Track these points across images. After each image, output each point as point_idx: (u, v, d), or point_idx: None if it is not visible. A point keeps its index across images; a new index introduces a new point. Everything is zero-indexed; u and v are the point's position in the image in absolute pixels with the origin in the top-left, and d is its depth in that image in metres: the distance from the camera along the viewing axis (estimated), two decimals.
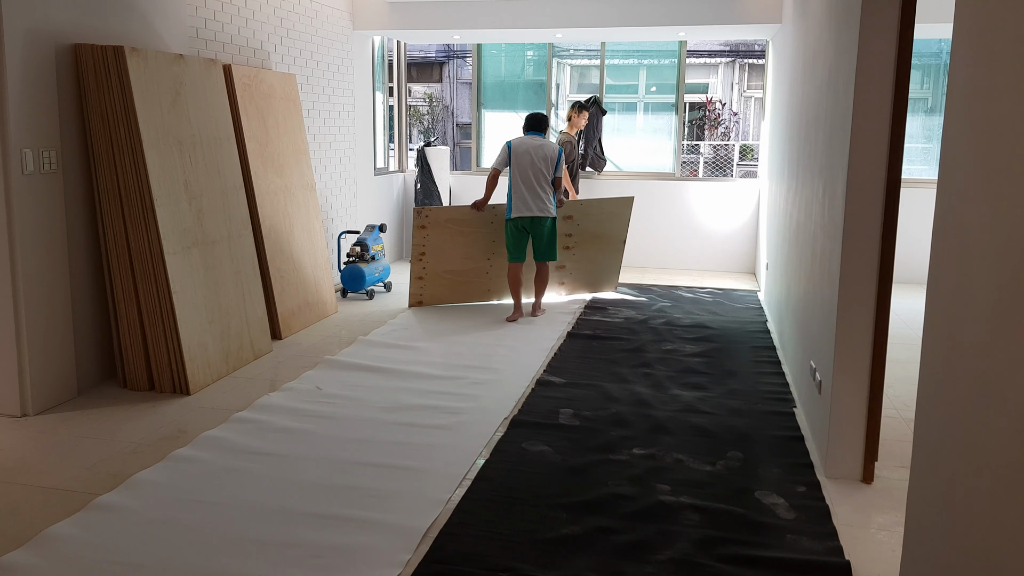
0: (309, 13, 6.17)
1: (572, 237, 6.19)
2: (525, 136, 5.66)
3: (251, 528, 2.68)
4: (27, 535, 2.62)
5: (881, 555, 2.57)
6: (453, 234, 5.89)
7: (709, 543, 2.59)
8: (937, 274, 1.77)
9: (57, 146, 3.77)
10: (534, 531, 2.67)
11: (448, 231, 5.87)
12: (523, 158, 5.48)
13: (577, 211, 6.13)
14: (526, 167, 5.47)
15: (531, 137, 5.62)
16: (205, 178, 4.37)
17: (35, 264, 3.68)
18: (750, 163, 14.59)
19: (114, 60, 3.86)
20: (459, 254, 5.96)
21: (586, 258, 6.30)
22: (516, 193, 5.50)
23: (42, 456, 3.26)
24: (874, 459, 3.09)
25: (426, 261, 5.91)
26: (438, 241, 5.86)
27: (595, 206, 6.19)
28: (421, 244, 5.84)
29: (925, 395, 1.83)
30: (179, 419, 3.69)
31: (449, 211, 5.94)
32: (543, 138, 5.66)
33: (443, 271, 5.98)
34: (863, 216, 2.94)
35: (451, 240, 5.89)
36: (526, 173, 5.47)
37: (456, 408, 3.82)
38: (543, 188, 5.50)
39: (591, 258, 6.31)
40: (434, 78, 17.86)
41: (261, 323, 4.72)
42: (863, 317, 3.00)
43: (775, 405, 3.92)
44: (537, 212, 5.49)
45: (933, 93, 8.76)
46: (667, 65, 8.41)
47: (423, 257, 5.89)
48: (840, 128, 3.15)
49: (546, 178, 5.50)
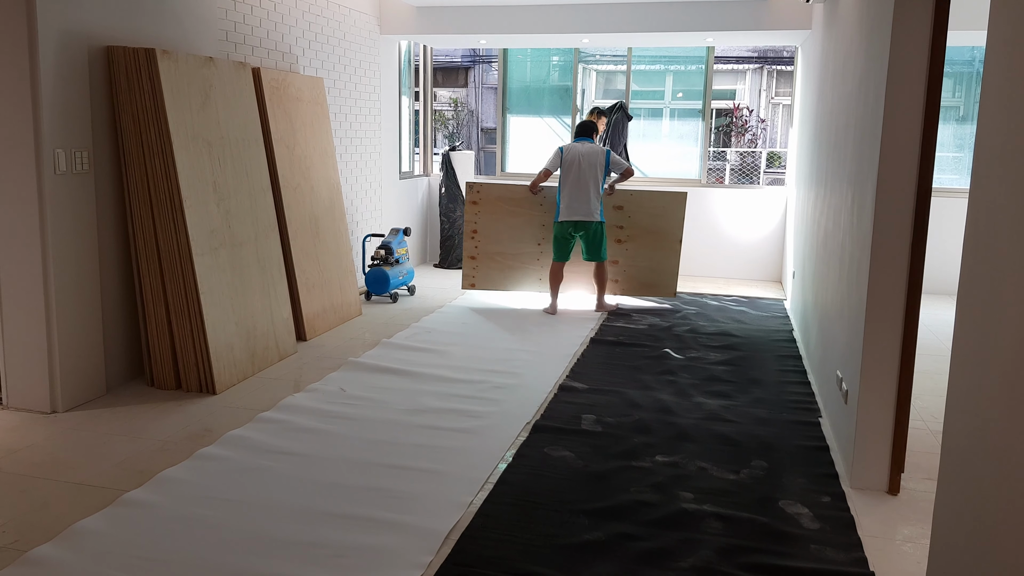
0: (337, 17, 6.23)
1: (624, 230, 6.21)
2: (575, 142, 5.92)
3: (274, 527, 2.70)
4: (56, 529, 2.66)
5: (907, 567, 2.54)
6: (504, 213, 6.20)
7: (732, 551, 2.57)
8: (968, 284, 1.74)
9: (89, 147, 3.84)
10: (555, 536, 2.67)
11: (499, 209, 6.20)
12: (572, 163, 5.73)
13: (628, 201, 6.17)
14: (575, 172, 5.72)
15: (581, 143, 5.87)
16: (233, 180, 4.43)
17: (66, 263, 3.74)
18: (777, 170, 14.47)
19: (145, 62, 3.93)
20: (509, 235, 6.24)
21: (641, 256, 6.27)
22: (565, 197, 5.77)
23: (71, 452, 3.32)
24: (900, 470, 3.05)
25: (478, 239, 6.24)
26: (489, 219, 6.20)
27: (647, 197, 6.21)
28: (473, 221, 6.22)
29: (953, 406, 1.80)
30: (205, 418, 3.74)
31: (501, 188, 6.21)
32: (592, 143, 5.89)
33: (494, 252, 6.27)
34: (893, 225, 2.91)
35: (502, 220, 6.20)
36: (575, 178, 5.72)
37: (478, 412, 3.83)
38: (591, 193, 5.71)
39: (647, 256, 6.28)
40: (460, 83, 17.94)
41: (286, 324, 4.77)
42: (891, 327, 2.96)
43: (800, 414, 3.88)
44: (583, 216, 5.72)
45: (965, 101, 8.64)
46: (694, 71, 8.39)
47: (475, 235, 6.24)
48: (870, 136, 3.12)
49: (596, 182, 5.72)
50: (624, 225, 6.18)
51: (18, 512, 2.79)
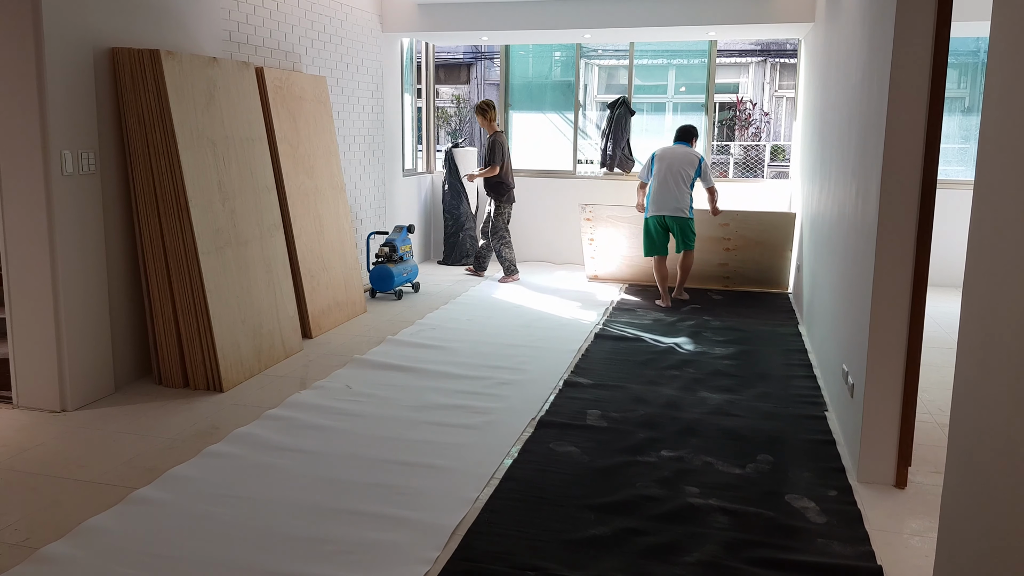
0: (339, 16, 6.24)
1: (731, 240, 6.55)
2: (672, 145, 6.25)
3: (282, 523, 2.72)
4: (67, 527, 2.68)
5: (914, 561, 2.54)
6: (617, 223, 6.80)
7: (738, 546, 2.58)
8: (973, 276, 1.74)
9: (95, 148, 3.86)
10: (561, 531, 2.67)
11: (612, 222, 6.82)
12: (663, 162, 6.06)
13: (733, 220, 6.47)
14: (665, 170, 6.02)
15: (677, 146, 6.22)
16: (238, 179, 4.44)
17: (74, 263, 3.76)
18: (781, 164, 14.44)
19: (150, 63, 3.94)
20: (626, 242, 6.87)
21: (750, 259, 6.62)
22: (653, 193, 6.06)
23: (81, 450, 3.34)
24: (907, 464, 3.05)
25: (595, 246, 6.98)
26: (605, 231, 6.87)
27: (753, 218, 6.47)
28: (589, 232, 6.92)
29: (960, 399, 1.80)
30: (212, 415, 3.75)
31: (609, 209, 6.81)
32: (688, 147, 6.19)
33: (614, 254, 6.97)
34: (898, 218, 2.90)
35: (617, 230, 6.83)
36: (664, 175, 6.01)
37: (484, 408, 3.84)
38: (680, 188, 5.97)
39: (755, 259, 6.61)
40: (462, 79, 17.93)
41: (292, 322, 4.78)
42: (897, 320, 2.96)
43: (806, 408, 3.88)
44: (670, 212, 5.98)
45: (970, 93, 8.61)
46: (697, 65, 8.36)
47: (592, 242, 6.97)
48: (874, 128, 3.11)
49: (685, 180, 5.97)
50: (731, 237, 6.52)
51: (29, 510, 2.81)
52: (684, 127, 6.33)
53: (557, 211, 7.99)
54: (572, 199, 7.90)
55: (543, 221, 8.04)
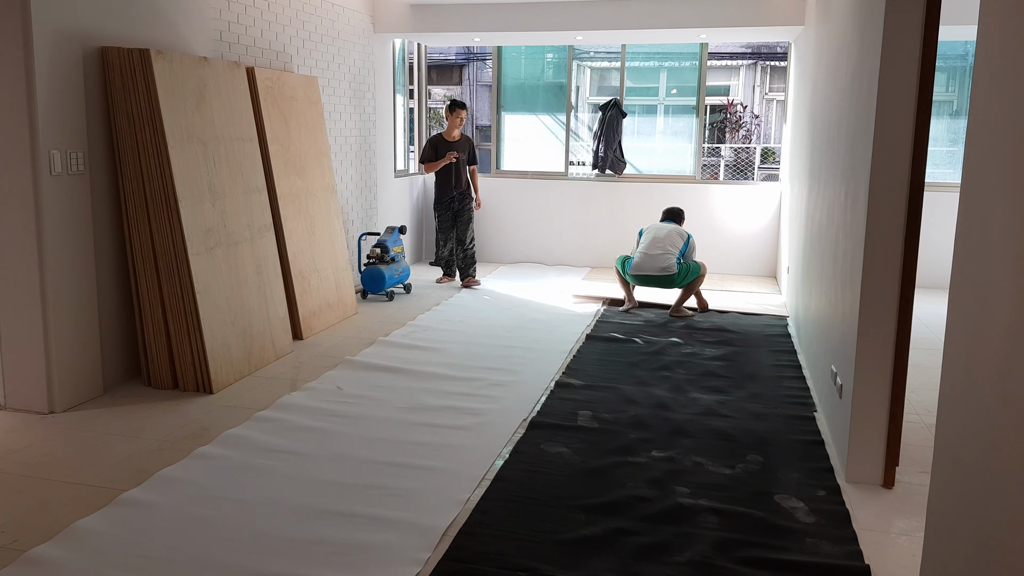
0: (331, 16, 6.23)
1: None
2: (660, 223, 6.12)
3: (273, 525, 2.71)
4: (55, 529, 2.67)
5: (901, 560, 2.55)
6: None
7: (728, 546, 2.59)
8: (960, 278, 1.76)
9: (84, 148, 3.84)
10: (552, 532, 2.68)
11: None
12: (650, 234, 5.92)
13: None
14: (651, 240, 5.85)
15: (665, 223, 6.09)
16: (228, 179, 4.43)
17: (62, 264, 3.74)
18: (771, 166, 14.50)
19: (140, 62, 3.93)
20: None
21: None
22: (638, 257, 5.84)
23: (69, 452, 3.32)
24: (895, 464, 3.07)
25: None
26: None
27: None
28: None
29: (947, 400, 1.82)
30: (202, 417, 3.74)
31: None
32: (676, 225, 6.09)
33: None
34: (886, 219, 2.92)
35: None
36: (651, 244, 5.82)
37: (475, 409, 3.84)
38: (667, 254, 5.76)
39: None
40: (454, 80, 17.92)
41: (283, 323, 4.77)
42: (885, 321, 2.98)
43: (795, 409, 3.90)
44: (655, 272, 5.77)
45: (958, 95, 8.67)
46: (688, 67, 8.39)
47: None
48: (863, 130, 3.13)
49: (671, 251, 5.79)
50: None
51: (17, 512, 2.80)
52: (671, 208, 6.27)
53: (549, 213, 8.00)
54: (564, 201, 7.92)
55: (535, 223, 8.05)
